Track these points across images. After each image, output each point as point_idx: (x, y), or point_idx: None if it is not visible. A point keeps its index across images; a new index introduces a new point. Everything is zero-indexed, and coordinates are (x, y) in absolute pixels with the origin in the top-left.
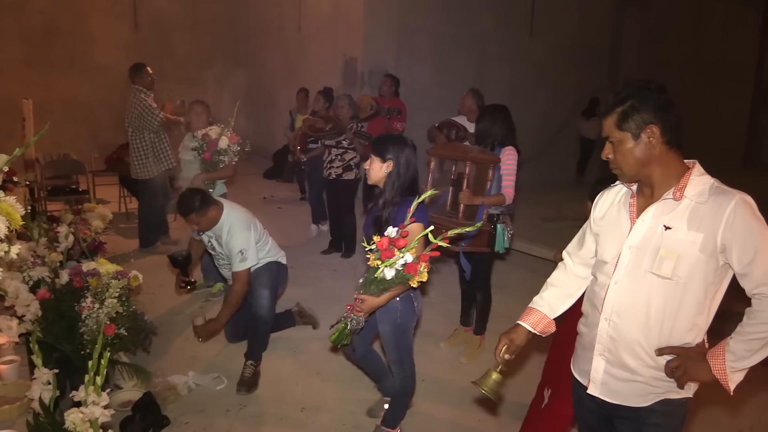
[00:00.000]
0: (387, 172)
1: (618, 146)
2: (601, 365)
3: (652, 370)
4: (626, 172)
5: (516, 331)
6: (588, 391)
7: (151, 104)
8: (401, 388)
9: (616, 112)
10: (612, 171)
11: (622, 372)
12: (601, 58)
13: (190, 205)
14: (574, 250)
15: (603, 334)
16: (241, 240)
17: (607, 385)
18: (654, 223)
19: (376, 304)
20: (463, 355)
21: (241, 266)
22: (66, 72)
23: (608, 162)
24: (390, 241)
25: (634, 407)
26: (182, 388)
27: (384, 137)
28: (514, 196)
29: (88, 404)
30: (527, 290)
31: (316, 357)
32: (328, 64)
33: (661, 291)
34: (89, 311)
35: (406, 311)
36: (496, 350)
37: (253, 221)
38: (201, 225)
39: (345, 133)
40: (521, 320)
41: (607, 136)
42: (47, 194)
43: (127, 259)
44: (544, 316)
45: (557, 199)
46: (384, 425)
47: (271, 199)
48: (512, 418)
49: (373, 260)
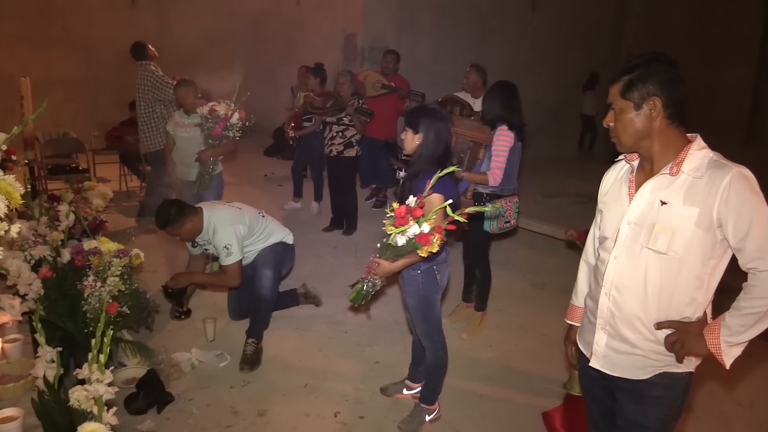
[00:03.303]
0: (418, 143)
1: (619, 114)
2: (603, 338)
3: (651, 343)
4: (624, 141)
5: (571, 332)
6: (590, 363)
7: (157, 74)
8: (434, 362)
9: (623, 80)
10: (611, 139)
11: (622, 345)
12: (603, 33)
13: (165, 218)
14: (593, 231)
15: (604, 308)
16: (224, 236)
17: (608, 358)
18: (651, 198)
19: (390, 269)
20: (464, 331)
21: (227, 260)
22: (64, 49)
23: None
24: (407, 210)
25: (633, 380)
26: (186, 365)
27: (418, 109)
28: (501, 178)
29: (92, 382)
30: (529, 266)
31: (318, 334)
32: (327, 39)
33: (658, 266)
34: (91, 290)
35: (428, 283)
36: (567, 354)
37: (238, 215)
38: (182, 236)
39: (346, 110)
40: (570, 320)
41: (611, 103)
42: (47, 173)
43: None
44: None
45: (558, 176)
46: (423, 402)
47: (272, 176)
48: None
49: (388, 226)
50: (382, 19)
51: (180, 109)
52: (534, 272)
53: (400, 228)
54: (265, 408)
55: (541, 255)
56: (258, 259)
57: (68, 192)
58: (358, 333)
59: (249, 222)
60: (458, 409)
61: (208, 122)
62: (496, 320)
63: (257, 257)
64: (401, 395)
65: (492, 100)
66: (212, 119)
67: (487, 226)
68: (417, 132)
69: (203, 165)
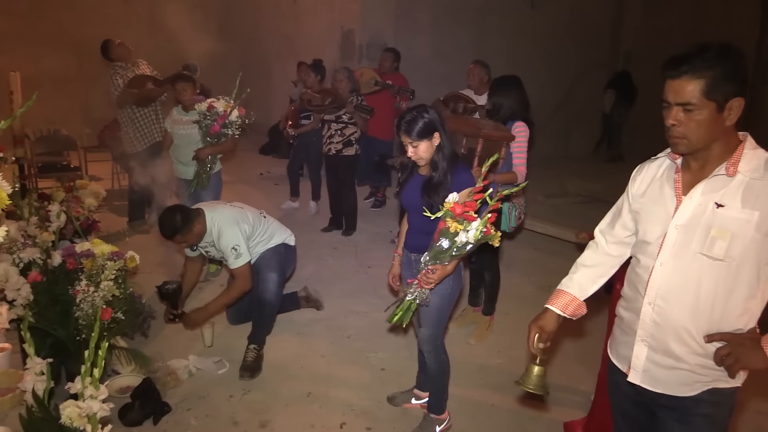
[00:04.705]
0: (437, 144)
1: (694, 115)
2: (643, 352)
3: (699, 357)
4: (695, 143)
5: (545, 317)
6: (628, 378)
7: (116, 80)
8: (438, 367)
9: (705, 77)
10: (672, 139)
11: (666, 359)
12: (602, 32)
13: (172, 227)
14: (606, 228)
15: (646, 319)
16: (231, 236)
17: (649, 373)
18: (704, 200)
19: (447, 272)
20: (471, 336)
21: (237, 263)
22: (55, 46)
23: (669, 128)
24: (465, 206)
25: (678, 396)
26: (183, 373)
27: (415, 119)
28: (526, 173)
29: (86, 398)
30: (533, 268)
31: (320, 339)
32: (324, 36)
33: (712, 273)
34: (84, 294)
35: (456, 281)
36: (529, 341)
37: (241, 214)
38: (190, 242)
39: (345, 107)
40: (549, 304)
41: (685, 102)
42: (38, 171)
43: (122, 238)
44: (574, 298)
45: (559, 175)
46: (432, 412)
47: (268, 175)
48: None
49: (454, 225)
50: (380, 15)
51: (178, 106)
52: (539, 274)
53: (466, 224)
54: (267, 419)
55: (546, 256)
56: (261, 262)
57: (59, 191)
58: (362, 338)
59: (252, 221)
60: (470, 419)
61: (207, 119)
62: (503, 324)
63: (260, 260)
64: (409, 405)
65: (507, 97)
66: (210, 116)
67: (505, 225)
68: (431, 138)
69: (201, 163)
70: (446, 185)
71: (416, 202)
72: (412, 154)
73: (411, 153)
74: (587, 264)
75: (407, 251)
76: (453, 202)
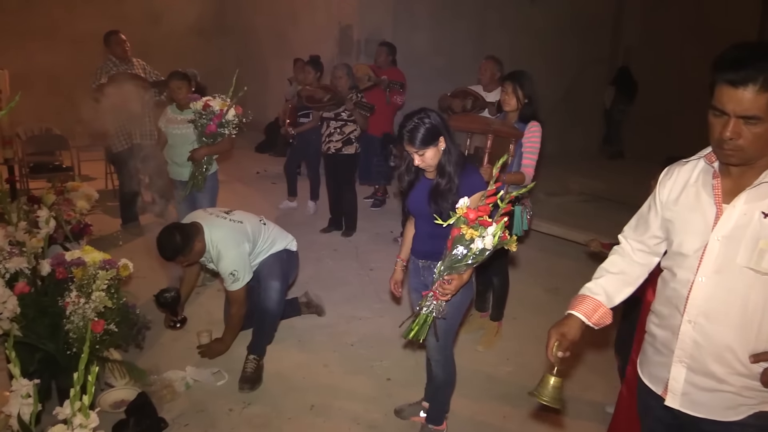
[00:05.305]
0: (443, 149)
1: (756, 127)
2: (682, 373)
3: (743, 378)
4: (751, 156)
5: (567, 324)
6: (666, 402)
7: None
8: (446, 377)
9: None
10: (725, 151)
11: (707, 380)
12: (603, 28)
13: (173, 248)
14: (632, 233)
15: (686, 338)
16: (230, 261)
17: (689, 396)
18: (748, 209)
19: (464, 281)
20: (479, 343)
21: (233, 287)
22: (47, 42)
23: (724, 141)
24: (479, 211)
25: (722, 421)
26: (180, 385)
27: (417, 128)
28: (534, 175)
29: (75, 427)
30: (539, 270)
31: (323, 347)
32: (322, 32)
33: (760, 289)
34: (74, 306)
35: (467, 289)
36: (548, 349)
37: (241, 232)
38: (191, 261)
39: (344, 104)
40: (573, 309)
41: (751, 115)
42: (29, 171)
43: (115, 242)
44: (600, 304)
45: (560, 172)
46: (431, 423)
47: (264, 173)
48: (540, 410)
49: (469, 232)
50: (379, 10)
51: (172, 104)
52: (545, 276)
53: (482, 230)
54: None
55: (551, 258)
56: (263, 269)
57: (50, 193)
58: (365, 346)
59: (252, 236)
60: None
61: (202, 118)
62: (511, 329)
63: (262, 267)
64: (417, 418)
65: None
66: (206, 115)
67: (518, 228)
68: (436, 144)
69: (196, 164)
70: (454, 191)
71: (424, 208)
72: (420, 163)
73: (418, 162)
74: (613, 270)
75: (414, 257)
76: (465, 207)
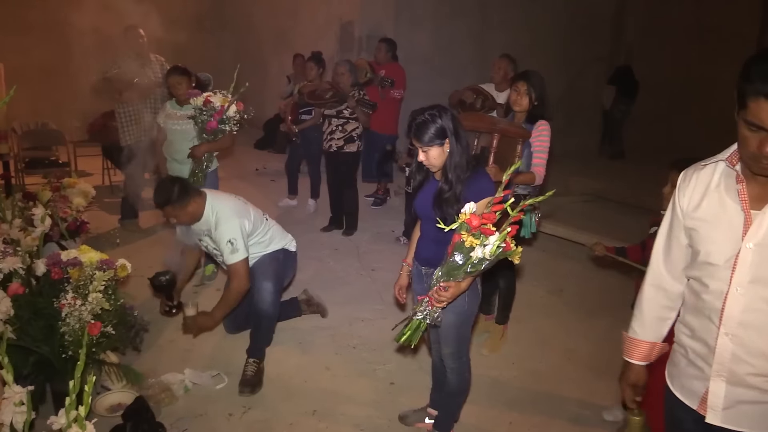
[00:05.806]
0: (448, 151)
1: None
2: (722, 388)
3: None
4: None
5: (633, 373)
6: (707, 420)
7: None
8: (459, 385)
9: None
10: (761, 164)
11: (749, 392)
12: (603, 27)
13: (167, 195)
14: (665, 258)
15: (724, 352)
16: (228, 228)
17: (731, 411)
18: None
19: (461, 290)
20: (484, 346)
21: (232, 258)
22: (43, 35)
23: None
24: (483, 218)
25: None
26: (178, 389)
27: (425, 124)
28: (544, 175)
29: None
30: (542, 271)
31: (324, 350)
32: (322, 28)
33: None
34: (70, 308)
35: (473, 297)
36: (624, 400)
37: (245, 209)
38: (179, 219)
39: (347, 102)
40: (630, 358)
41: None
42: (24, 167)
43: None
44: (653, 344)
45: (560, 172)
46: (437, 429)
47: (264, 171)
48: (547, 417)
49: (470, 240)
50: (380, 6)
51: (172, 99)
52: (548, 278)
53: (483, 239)
54: None
55: (554, 259)
56: (256, 269)
57: (46, 190)
58: (368, 348)
59: (253, 219)
60: None
61: (203, 114)
62: (515, 332)
63: (256, 266)
64: (422, 424)
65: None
66: (207, 111)
67: (526, 231)
68: (442, 144)
69: (197, 161)
70: (456, 199)
71: (430, 210)
72: (423, 159)
73: (422, 158)
74: (653, 307)
75: (417, 264)
76: (470, 213)
